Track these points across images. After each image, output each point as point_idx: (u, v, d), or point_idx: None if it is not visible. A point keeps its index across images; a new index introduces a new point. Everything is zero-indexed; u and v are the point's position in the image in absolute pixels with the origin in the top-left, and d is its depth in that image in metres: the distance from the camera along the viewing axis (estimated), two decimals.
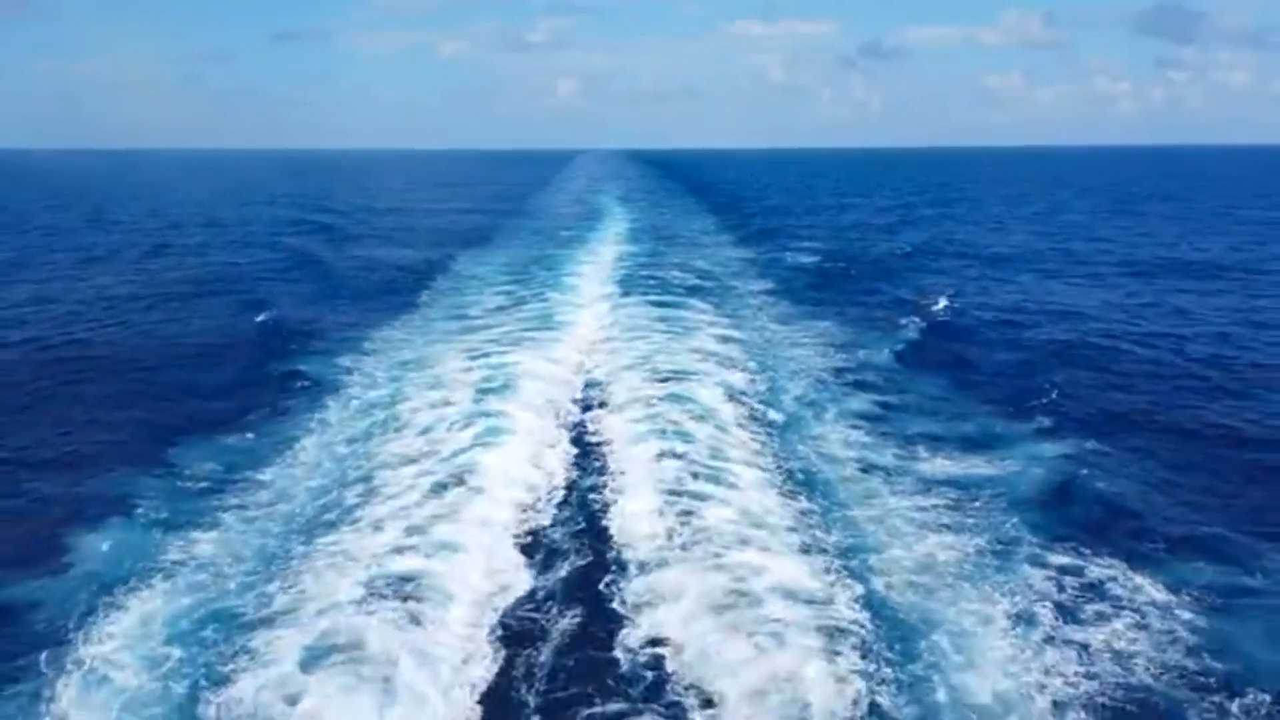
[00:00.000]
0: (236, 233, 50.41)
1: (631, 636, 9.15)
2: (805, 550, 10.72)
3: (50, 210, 67.94)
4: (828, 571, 10.23)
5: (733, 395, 16.66)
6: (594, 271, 32.62)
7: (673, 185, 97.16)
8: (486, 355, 19.57)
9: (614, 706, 8.15)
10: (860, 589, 9.84)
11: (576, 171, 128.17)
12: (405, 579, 10.01)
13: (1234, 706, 8.09)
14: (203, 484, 13.23)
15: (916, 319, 24.80)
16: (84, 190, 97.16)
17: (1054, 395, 17.18)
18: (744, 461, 13.46)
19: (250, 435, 15.36)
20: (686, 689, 8.31)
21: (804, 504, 12.09)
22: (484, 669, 8.67)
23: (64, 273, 34.90)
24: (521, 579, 10.28)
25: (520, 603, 9.83)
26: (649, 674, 8.56)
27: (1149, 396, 17.46)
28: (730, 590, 9.77)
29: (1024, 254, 40.20)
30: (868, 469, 13.51)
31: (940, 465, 13.70)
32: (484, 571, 10.32)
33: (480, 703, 8.24)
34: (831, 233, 49.87)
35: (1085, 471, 13.25)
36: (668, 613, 9.46)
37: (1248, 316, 25.19)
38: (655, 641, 9.01)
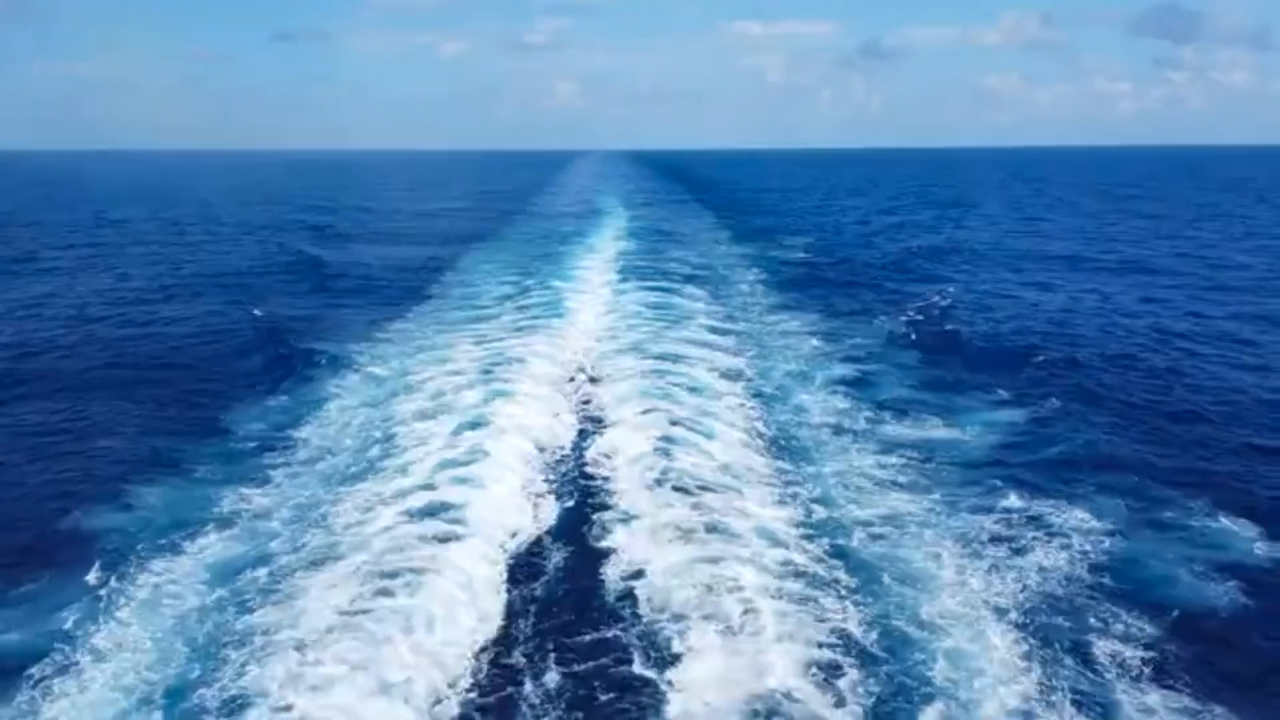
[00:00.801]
0: (237, 233, 51.03)
1: (618, 567, 10.69)
2: (780, 501, 12.31)
3: (50, 211, 68.23)
4: (797, 517, 11.81)
5: (718, 366, 18.84)
6: (596, 263, 34.28)
7: (672, 185, 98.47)
8: (494, 339, 21.06)
9: (604, 631, 9.54)
10: (827, 536, 11.31)
11: (577, 172, 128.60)
12: (432, 512, 11.74)
13: (1134, 608, 9.86)
14: (209, 474, 13.71)
15: (899, 306, 26.61)
16: (84, 190, 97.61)
17: (1012, 372, 19.17)
18: (728, 421, 15.35)
19: (258, 428, 15.77)
20: (662, 612, 9.69)
21: (782, 462, 13.76)
22: (496, 595, 10.11)
23: (64, 273, 35.21)
24: (529, 523, 11.81)
25: (529, 541, 11.37)
26: (630, 601, 9.93)
27: (1098, 375, 19.11)
28: (707, 525, 11.36)
29: (1009, 251, 41.68)
30: (839, 432, 15.24)
31: (904, 430, 15.38)
32: (500, 509, 11.88)
33: (497, 619, 9.68)
34: (822, 230, 51.55)
35: (1031, 435, 15.22)
36: (652, 549, 10.94)
37: (1185, 308, 27.11)
38: (638, 573, 10.48)
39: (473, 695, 8.46)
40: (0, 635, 9.54)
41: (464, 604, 9.76)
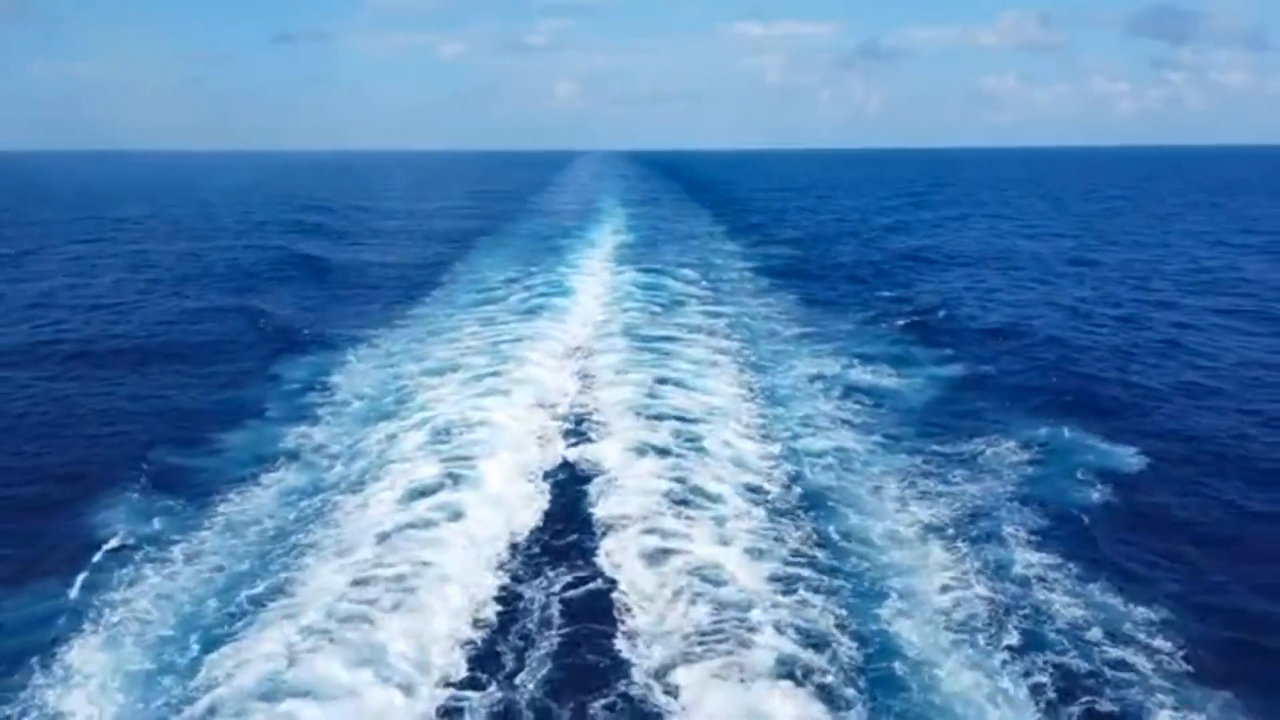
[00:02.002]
0: (235, 232, 50.92)
1: (604, 508, 12.12)
2: (751, 435, 14.89)
3: (50, 210, 68.53)
4: (768, 450, 14.30)
5: (705, 336, 21.80)
6: (595, 259, 35.56)
7: (670, 184, 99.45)
8: (493, 336, 21.83)
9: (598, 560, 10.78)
10: (790, 463, 13.72)
11: (575, 174, 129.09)
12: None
13: (1040, 516, 12.21)
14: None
15: (880, 296, 29.07)
16: (85, 190, 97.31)
17: (968, 343, 22.33)
18: (712, 373, 18.40)
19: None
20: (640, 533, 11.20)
21: (759, 402, 16.75)
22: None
23: (65, 271, 35.47)
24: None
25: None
26: (617, 581, 10.48)
27: (1046, 356, 21.24)
28: (686, 454, 13.74)
29: (995, 250, 43.12)
30: (812, 380, 18.32)
31: (863, 378, 18.52)
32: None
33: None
34: (812, 227, 53.66)
35: (965, 389, 18.36)
36: (633, 479, 12.78)
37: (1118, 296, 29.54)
38: (622, 518, 11.76)
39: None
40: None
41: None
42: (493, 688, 8.53)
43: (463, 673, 8.75)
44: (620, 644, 9.19)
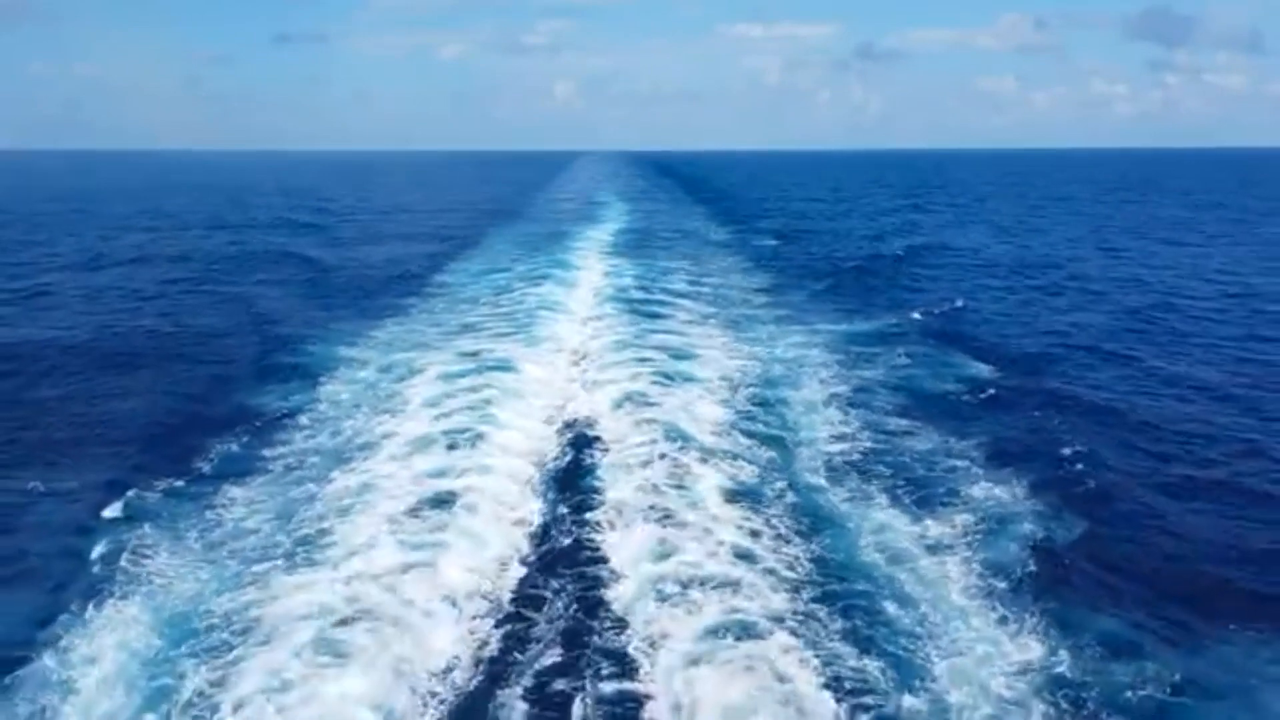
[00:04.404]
0: (235, 230, 50.90)
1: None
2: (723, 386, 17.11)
3: (51, 210, 67.94)
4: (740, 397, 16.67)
5: (704, 330, 22.71)
6: (594, 255, 36.23)
7: (668, 182, 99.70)
8: (493, 332, 22.01)
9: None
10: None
11: (573, 176, 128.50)
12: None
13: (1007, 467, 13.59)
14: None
15: (875, 290, 30.25)
16: (85, 190, 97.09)
17: (949, 339, 23.09)
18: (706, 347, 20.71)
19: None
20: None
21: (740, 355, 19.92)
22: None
23: (65, 271, 35.29)
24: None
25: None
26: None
27: (1015, 343, 22.75)
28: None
29: (986, 252, 43.72)
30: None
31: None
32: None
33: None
34: (790, 218, 55.50)
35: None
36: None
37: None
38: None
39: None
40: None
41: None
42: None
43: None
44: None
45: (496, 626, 9.42)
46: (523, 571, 10.54)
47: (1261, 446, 15.02)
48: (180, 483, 13.26)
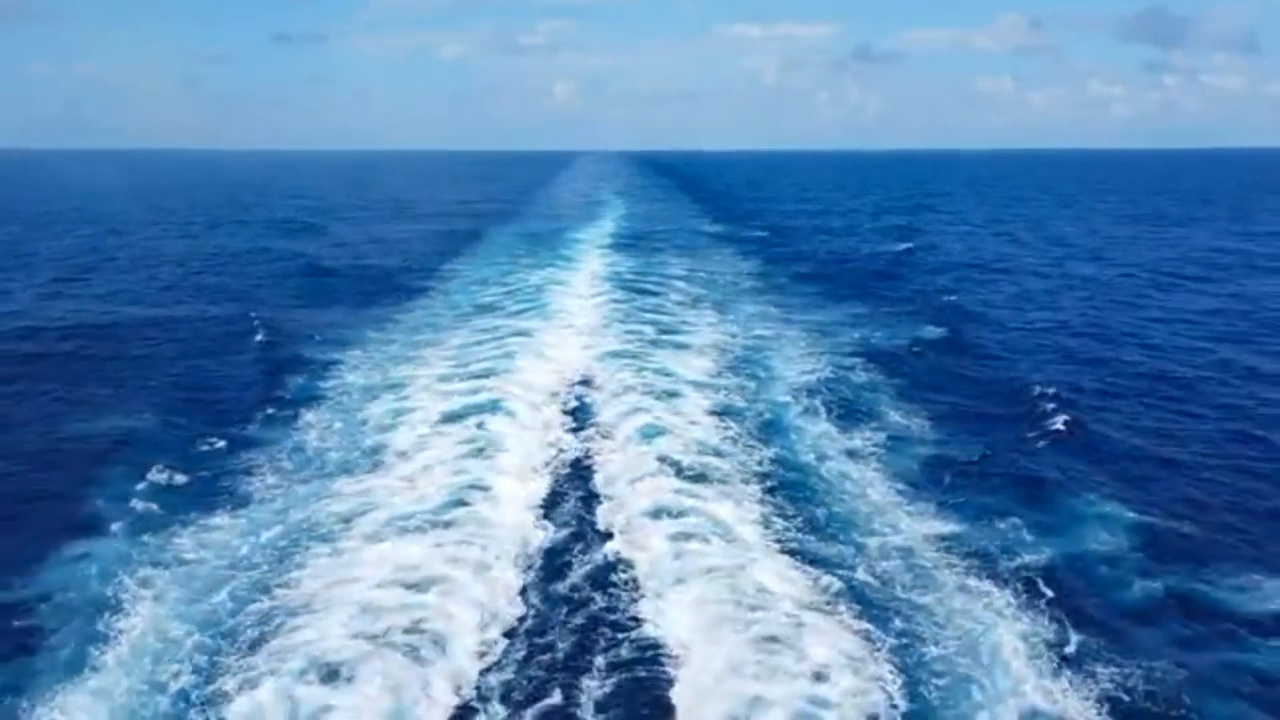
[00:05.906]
0: (234, 229, 51.39)
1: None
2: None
3: (50, 210, 68.91)
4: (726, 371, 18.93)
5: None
6: (594, 255, 36.97)
7: (666, 180, 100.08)
8: (492, 332, 22.58)
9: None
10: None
11: (572, 177, 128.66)
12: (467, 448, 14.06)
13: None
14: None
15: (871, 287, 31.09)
16: (84, 190, 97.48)
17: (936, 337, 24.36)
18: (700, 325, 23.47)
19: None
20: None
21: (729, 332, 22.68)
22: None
23: (64, 271, 35.76)
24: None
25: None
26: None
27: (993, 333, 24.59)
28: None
29: (977, 250, 44.98)
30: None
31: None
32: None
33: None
34: (783, 216, 57.64)
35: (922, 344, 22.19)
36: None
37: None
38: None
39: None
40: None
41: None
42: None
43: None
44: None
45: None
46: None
47: (1227, 397, 18.44)
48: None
